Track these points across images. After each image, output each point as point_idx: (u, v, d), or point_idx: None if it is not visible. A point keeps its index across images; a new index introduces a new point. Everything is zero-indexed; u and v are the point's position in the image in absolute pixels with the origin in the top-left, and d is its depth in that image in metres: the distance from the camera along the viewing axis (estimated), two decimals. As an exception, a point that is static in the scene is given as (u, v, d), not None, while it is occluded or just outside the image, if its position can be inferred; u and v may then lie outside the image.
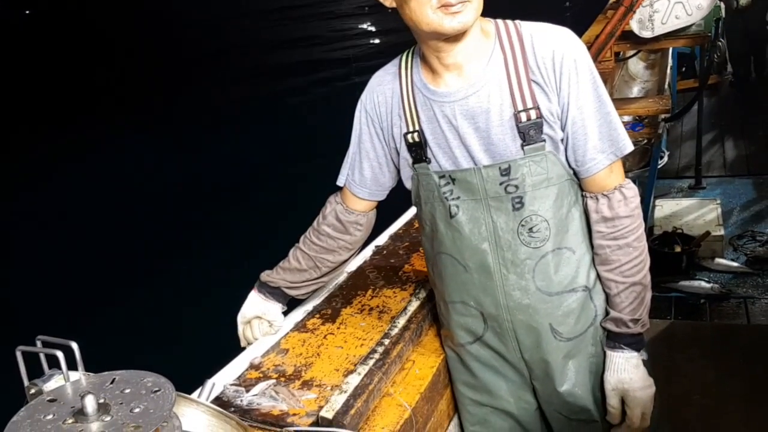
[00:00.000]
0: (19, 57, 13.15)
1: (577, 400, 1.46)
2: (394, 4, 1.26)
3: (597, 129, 1.31)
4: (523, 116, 1.28)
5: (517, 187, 1.31)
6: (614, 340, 1.42)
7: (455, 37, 1.25)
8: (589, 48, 3.23)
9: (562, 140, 1.31)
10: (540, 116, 1.28)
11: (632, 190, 1.35)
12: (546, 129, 1.29)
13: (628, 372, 1.40)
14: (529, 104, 1.28)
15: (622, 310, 1.39)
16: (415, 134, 1.37)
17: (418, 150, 1.38)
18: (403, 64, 1.39)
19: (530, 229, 1.33)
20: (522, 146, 1.29)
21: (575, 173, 1.36)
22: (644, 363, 1.42)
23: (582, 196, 1.38)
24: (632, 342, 1.40)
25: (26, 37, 15.32)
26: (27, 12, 18.31)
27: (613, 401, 1.43)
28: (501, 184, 1.32)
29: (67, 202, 7.03)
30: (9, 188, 7.59)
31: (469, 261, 1.40)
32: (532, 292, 1.37)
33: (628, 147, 1.33)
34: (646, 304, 1.40)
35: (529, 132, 1.28)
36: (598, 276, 1.41)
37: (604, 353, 1.44)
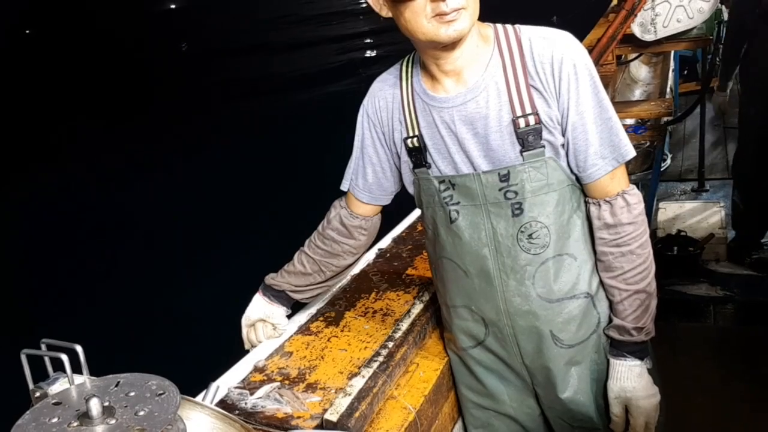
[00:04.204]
0: (17, 76, 13.20)
1: (579, 408, 1.45)
2: (390, 14, 1.25)
3: (598, 134, 1.29)
4: (522, 122, 1.27)
5: (516, 193, 1.31)
6: (617, 348, 1.40)
7: (452, 45, 1.24)
8: (590, 51, 3.24)
9: (562, 145, 1.30)
10: (539, 122, 1.27)
11: (636, 197, 1.33)
12: (545, 135, 1.28)
13: (631, 381, 1.38)
14: (528, 110, 1.26)
15: (626, 318, 1.37)
16: (415, 139, 1.37)
17: (418, 155, 1.38)
18: (403, 69, 1.39)
19: (530, 236, 1.33)
20: (521, 152, 1.28)
21: (577, 179, 1.34)
22: (649, 371, 1.40)
23: (585, 201, 1.37)
24: (636, 350, 1.38)
25: (25, 56, 15.41)
26: (27, 32, 18.37)
27: (616, 410, 1.42)
28: (500, 189, 1.31)
29: (71, 204, 7.05)
30: (13, 191, 7.62)
31: (470, 266, 1.40)
32: (533, 298, 1.36)
33: (630, 153, 1.31)
34: (651, 313, 1.38)
35: (528, 138, 1.27)
36: (602, 282, 1.40)
37: (608, 361, 1.42)
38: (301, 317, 1.77)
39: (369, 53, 13.16)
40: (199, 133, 8.98)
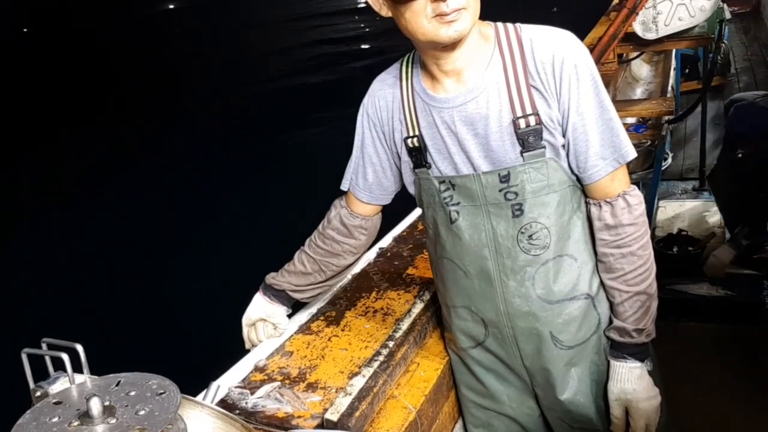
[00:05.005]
0: (16, 75, 13.18)
1: (578, 409, 1.44)
2: (389, 14, 1.24)
3: (598, 135, 1.28)
4: (522, 123, 1.26)
5: (516, 194, 1.30)
6: (618, 349, 1.39)
7: (453, 45, 1.23)
8: (592, 50, 3.24)
9: (563, 146, 1.29)
10: (539, 123, 1.26)
11: (636, 198, 1.32)
12: (546, 135, 1.27)
13: (631, 382, 1.38)
14: (529, 110, 1.26)
15: (626, 320, 1.36)
16: (415, 139, 1.36)
17: (418, 155, 1.37)
18: (403, 68, 1.38)
19: (530, 237, 1.32)
20: (521, 153, 1.28)
21: (578, 179, 1.34)
22: (650, 373, 1.39)
23: (585, 202, 1.36)
24: (636, 352, 1.38)
25: (24, 54, 15.41)
26: (25, 30, 18.36)
27: (616, 411, 1.42)
28: (501, 190, 1.31)
29: (71, 205, 7.04)
30: (11, 193, 7.63)
31: (470, 267, 1.39)
32: (533, 299, 1.36)
33: (631, 154, 1.30)
34: (652, 314, 1.37)
35: (528, 138, 1.26)
36: (602, 283, 1.39)
37: (608, 362, 1.42)
38: (302, 316, 1.77)
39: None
40: (199, 131, 8.98)
